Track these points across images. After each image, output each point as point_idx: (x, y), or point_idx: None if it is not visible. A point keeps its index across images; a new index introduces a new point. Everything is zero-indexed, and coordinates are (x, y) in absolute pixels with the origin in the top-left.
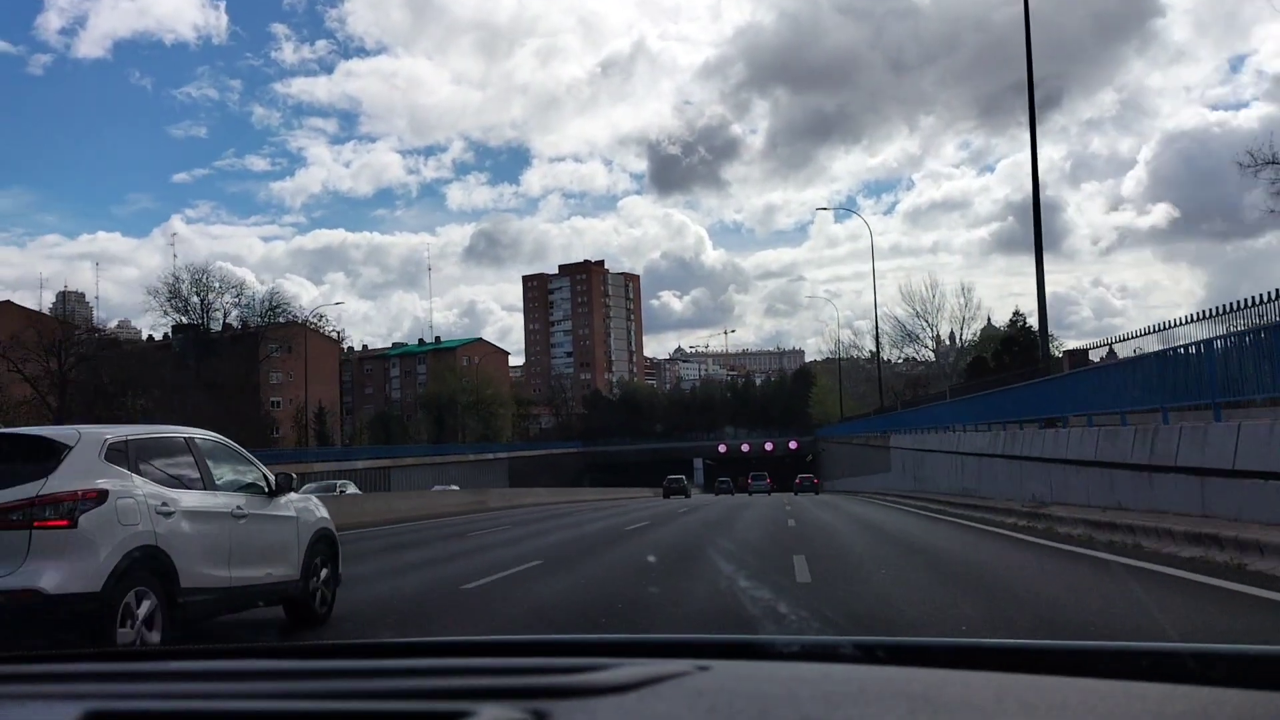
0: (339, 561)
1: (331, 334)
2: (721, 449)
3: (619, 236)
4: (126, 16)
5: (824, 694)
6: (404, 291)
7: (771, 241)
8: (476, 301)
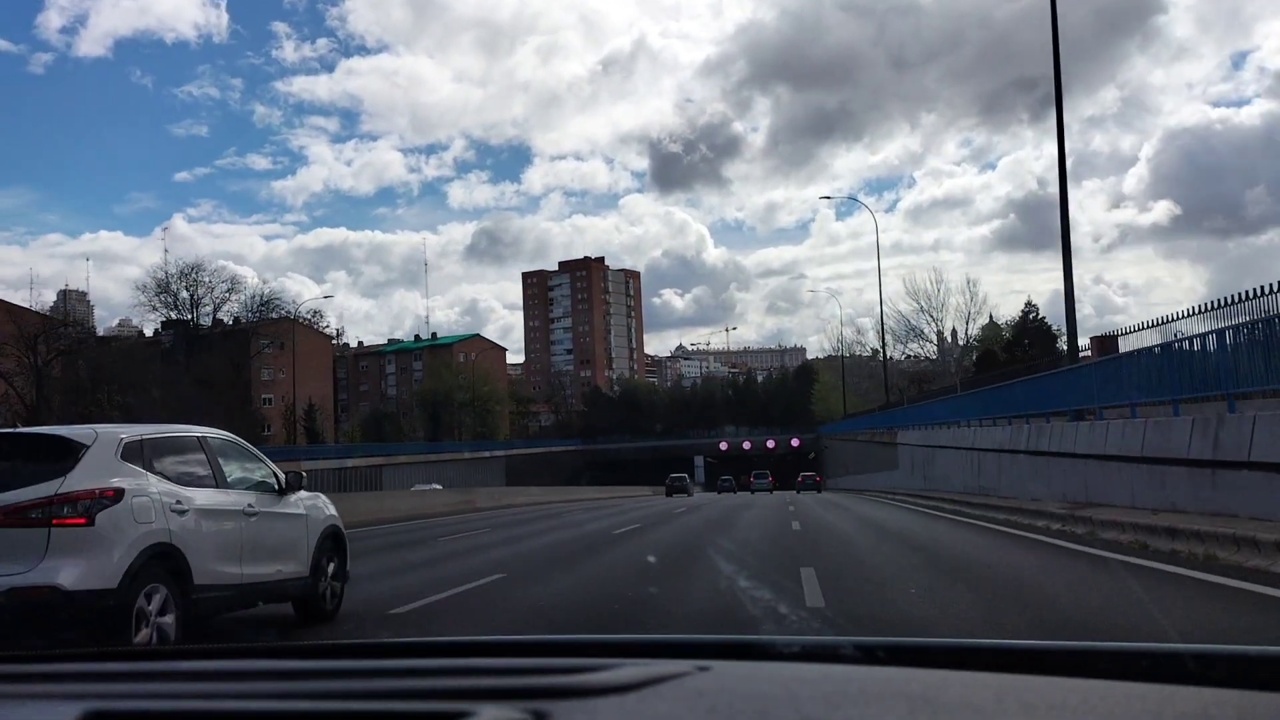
0: (347, 559)
1: (325, 330)
2: (723, 446)
3: (620, 235)
4: (127, 15)
5: (824, 694)
6: (406, 290)
7: (773, 239)
8: (478, 300)
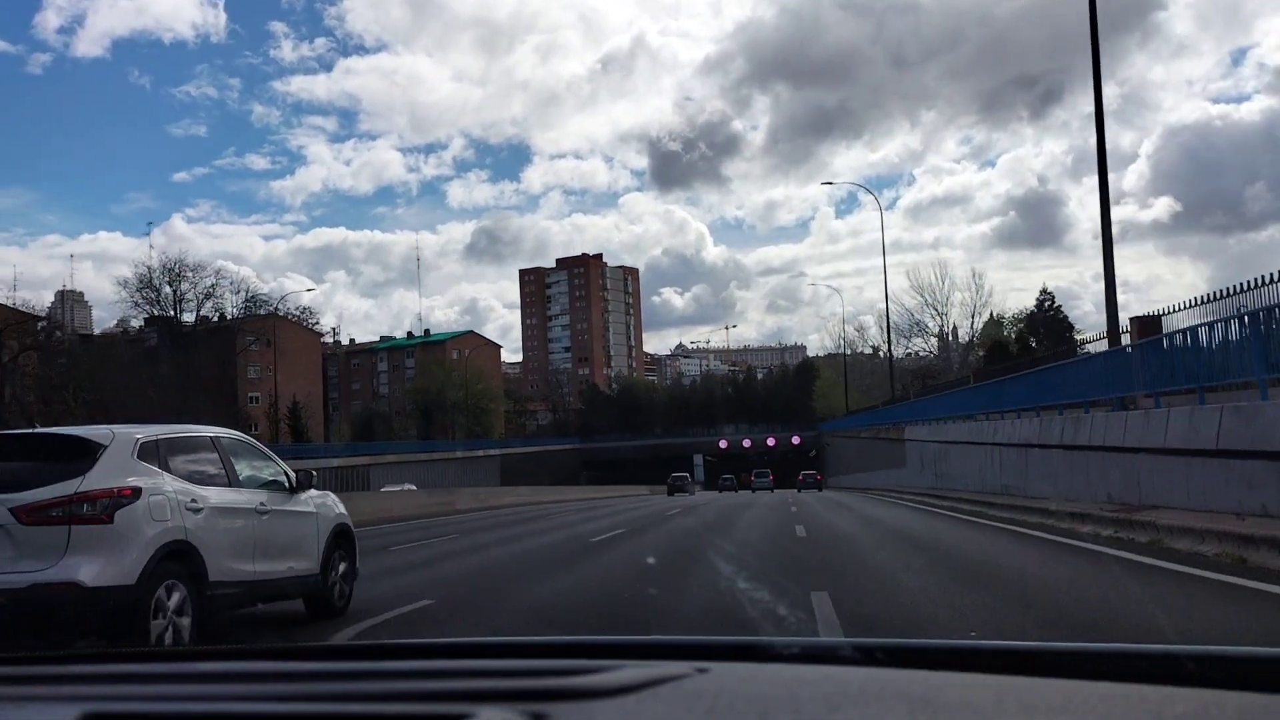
0: (356, 556)
1: (315, 327)
2: (722, 445)
3: (620, 233)
4: (125, 15)
5: (824, 696)
6: (405, 289)
7: (773, 238)
8: (478, 299)
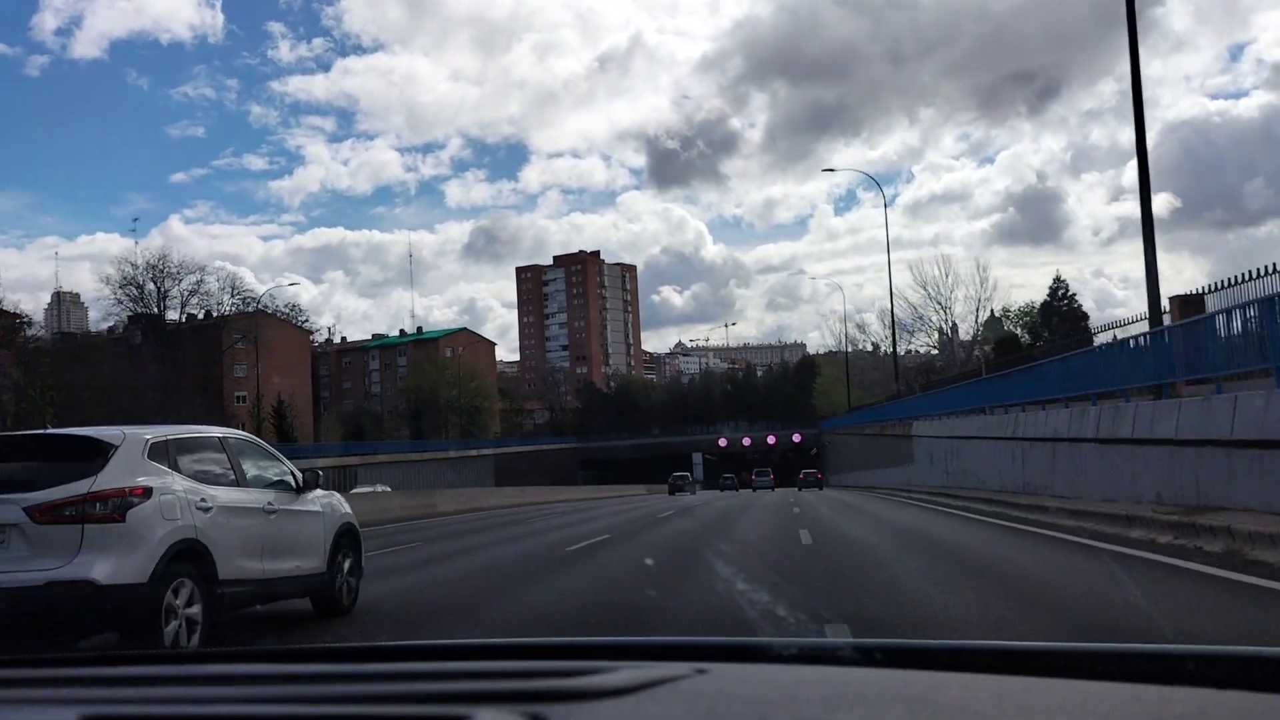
0: (362, 555)
1: (304, 325)
2: (722, 443)
3: (618, 232)
4: (122, 16)
5: (822, 697)
6: (404, 289)
7: (772, 235)
8: (476, 299)
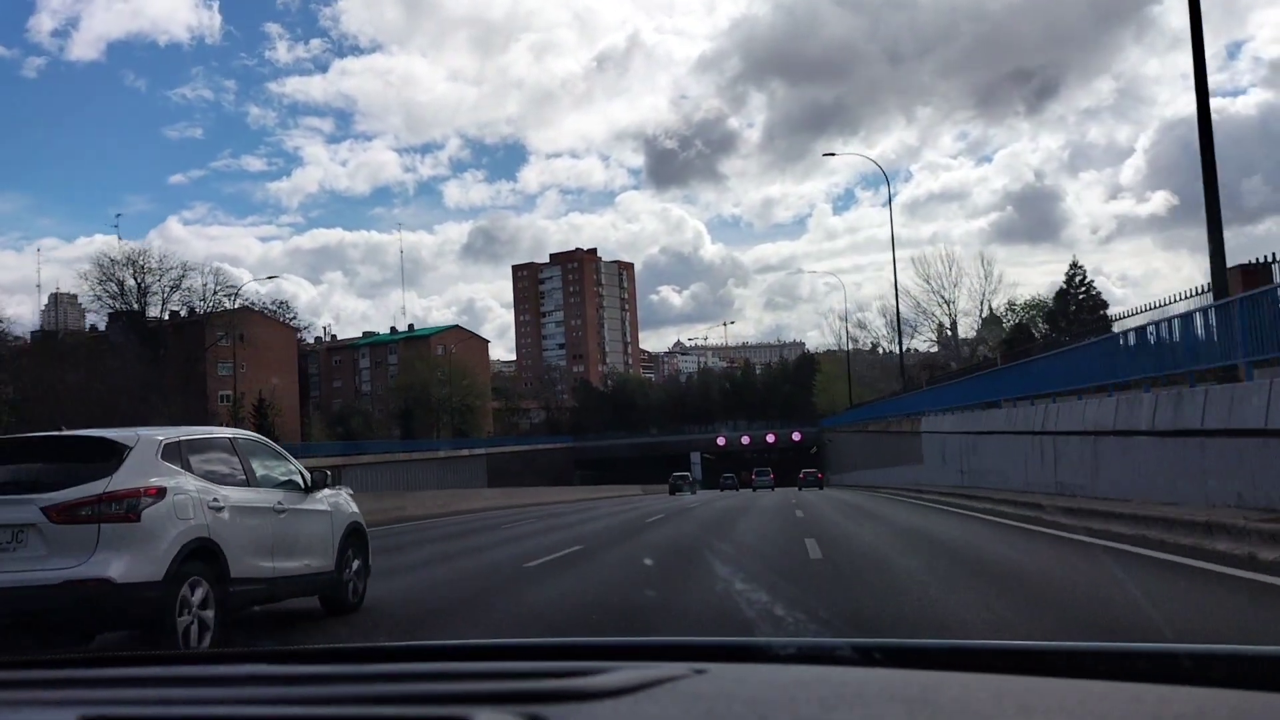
0: (369, 554)
1: (291, 322)
2: (720, 442)
3: (617, 232)
4: (119, 18)
5: (821, 697)
6: (403, 290)
7: (770, 235)
8: (475, 299)
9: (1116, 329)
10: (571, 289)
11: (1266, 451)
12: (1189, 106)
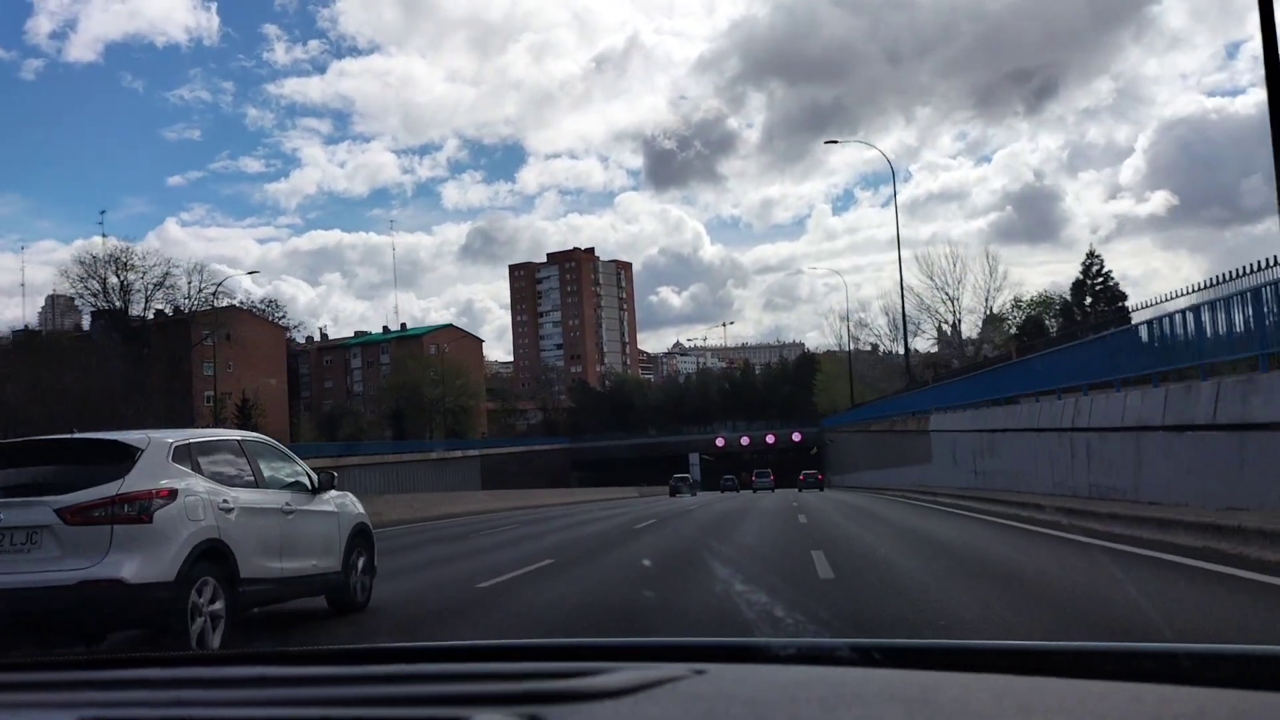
0: (374, 554)
1: (281, 321)
2: (719, 443)
3: (616, 233)
4: (117, 19)
5: (821, 697)
6: (401, 291)
7: (769, 236)
8: (474, 301)
9: (1148, 315)
10: (569, 289)
11: None
12: (1188, 107)
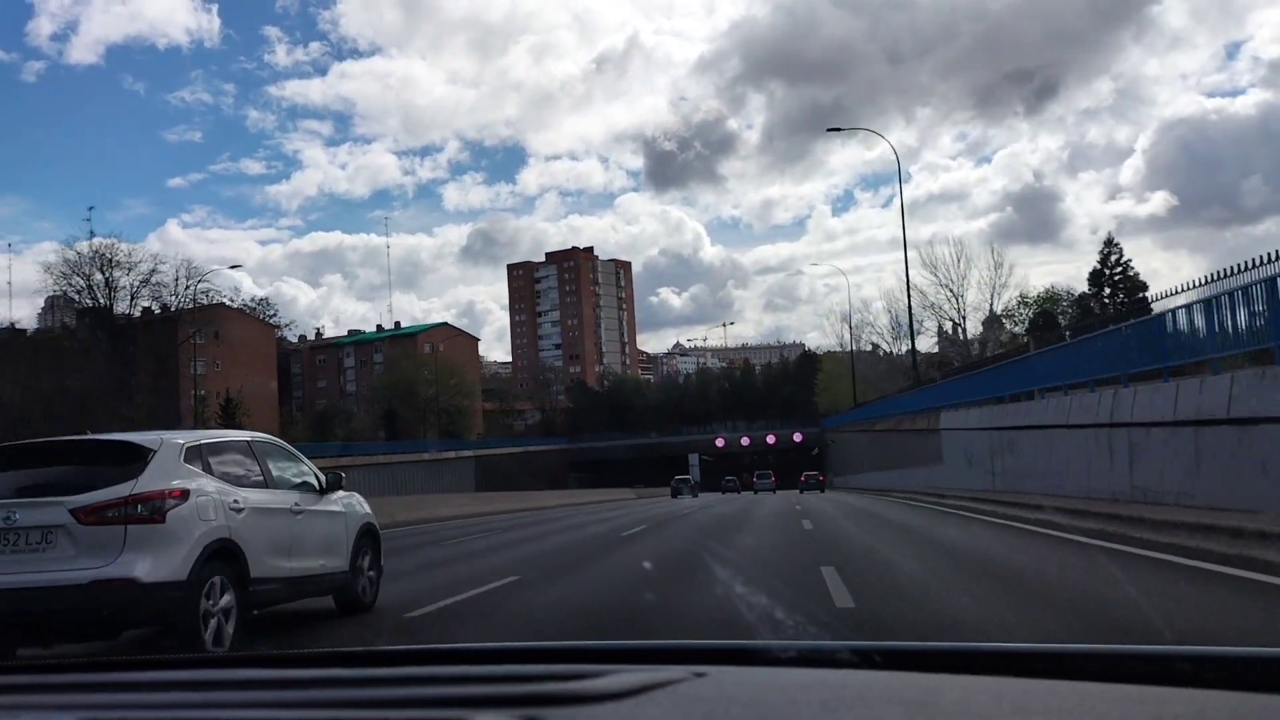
0: (381, 553)
1: (271, 319)
2: (719, 443)
3: (616, 234)
4: (118, 21)
5: (821, 700)
6: (401, 292)
7: (770, 236)
8: (475, 302)
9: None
10: (568, 288)
11: None
12: (1188, 107)
